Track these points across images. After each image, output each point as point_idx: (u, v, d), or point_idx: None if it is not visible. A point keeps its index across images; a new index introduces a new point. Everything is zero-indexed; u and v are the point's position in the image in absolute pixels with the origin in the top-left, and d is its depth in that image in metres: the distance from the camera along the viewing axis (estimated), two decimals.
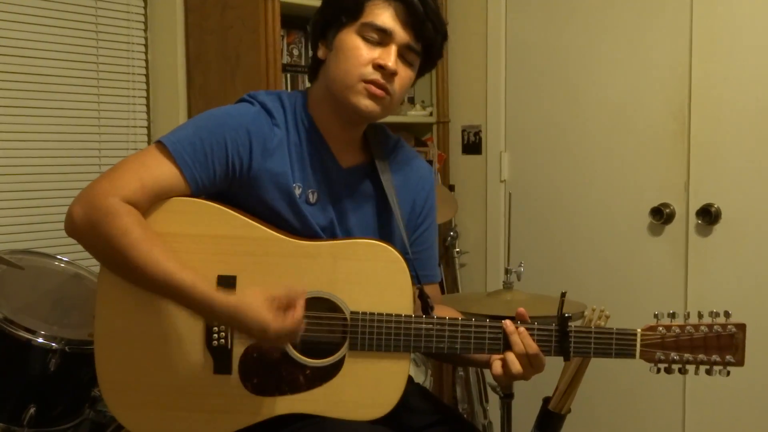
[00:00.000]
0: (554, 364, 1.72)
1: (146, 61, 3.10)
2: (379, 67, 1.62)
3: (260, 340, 1.54)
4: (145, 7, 3.08)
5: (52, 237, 2.74)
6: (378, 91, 1.63)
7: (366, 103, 1.64)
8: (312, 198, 1.68)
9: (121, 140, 3.03)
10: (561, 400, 2.12)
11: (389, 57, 1.62)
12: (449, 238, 3.51)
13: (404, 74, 1.66)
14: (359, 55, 1.63)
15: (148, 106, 3.11)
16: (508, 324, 1.61)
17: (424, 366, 2.85)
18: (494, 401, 2.91)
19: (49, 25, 2.80)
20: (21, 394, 2.06)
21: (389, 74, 1.63)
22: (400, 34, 1.63)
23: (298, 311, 1.52)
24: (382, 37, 1.63)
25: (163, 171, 1.56)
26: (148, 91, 3.11)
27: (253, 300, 1.50)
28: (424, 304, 1.69)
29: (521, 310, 1.64)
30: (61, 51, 2.84)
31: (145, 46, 3.09)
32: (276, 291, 1.52)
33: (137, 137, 3.07)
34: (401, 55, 1.65)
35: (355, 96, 1.64)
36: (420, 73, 1.75)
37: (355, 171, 1.74)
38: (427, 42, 1.67)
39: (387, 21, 1.62)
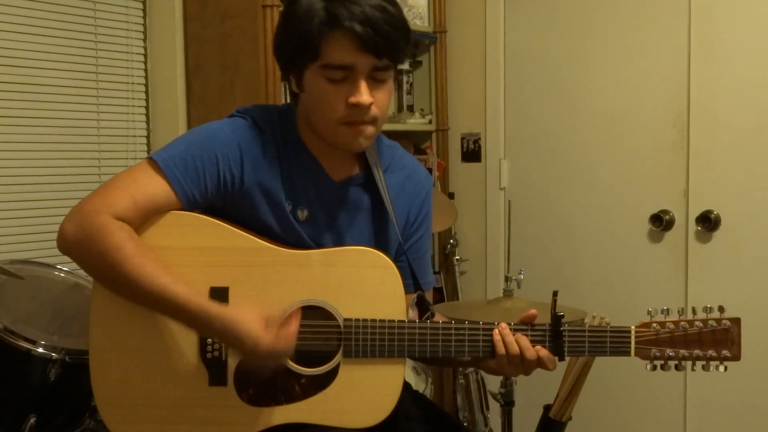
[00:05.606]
0: (554, 372, 1.72)
1: (145, 70, 3.10)
2: (353, 105, 1.57)
3: (251, 355, 1.53)
4: (144, 17, 3.09)
5: (52, 247, 2.70)
6: (361, 129, 1.60)
7: (354, 144, 1.62)
8: (301, 215, 1.67)
9: (120, 150, 3.03)
10: (562, 407, 2.12)
11: (360, 93, 1.56)
12: (449, 246, 3.51)
13: (382, 95, 1.60)
14: (330, 99, 1.57)
15: (147, 116, 3.11)
16: (495, 333, 1.62)
17: (425, 374, 2.85)
18: (495, 409, 2.90)
19: (48, 36, 2.81)
20: (21, 405, 2.05)
21: (366, 108, 1.57)
22: (363, 62, 1.55)
23: (292, 329, 1.53)
24: (346, 72, 1.55)
25: (155, 188, 1.56)
26: (147, 101, 3.11)
27: (248, 314, 1.51)
28: (424, 310, 1.68)
29: (533, 311, 1.64)
30: (61, 61, 2.85)
31: (145, 55, 3.10)
32: (271, 310, 1.53)
33: (137, 147, 3.08)
34: (371, 77, 1.57)
35: (340, 139, 1.61)
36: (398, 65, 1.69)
37: (348, 183, 1.72)
38: (391, 54, 1.58)
39: (345, 57, 1.54)
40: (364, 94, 1.56)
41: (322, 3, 1.54)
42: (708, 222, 2.88)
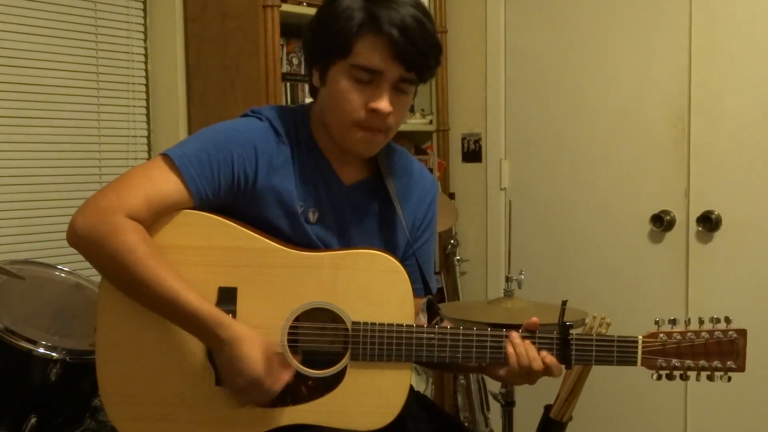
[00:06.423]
0: None
1: (146, 71, 3.10)
2: (372, 111, 1.58)
3: (242, 375, 1.52)
4: (144, 17, 3.09)
5: (53, 247, 2.74)
6: (374, 135, 1.62)
7: (362, 148, 1.64)
8: (312, 217, 1.68)
9: (121, 150, 3.03)
10: (562, 407, 2.13)
11: (382, 99, 1.58)
12: (450, 246, 3.51)
13: (400, 106, 1.62)
14: (351, 99, 1.58)
15: (148, 116, 3.11)
16: (509, 346, 1.61)
17: (425, 374, 2.85)
18: (495, 409, 2.91)
19: (48, 36, 2.81)
20: (22, 404, 2.05)
21: (384, 115, 1.59)
22: (392, 70, 1.57)
23: (284, 377, 1.55)
24: (373, 77, 1.57)
25: (168, 186, 1.56)
26: (148, 101, 3.11)
27: (255, 340, 1.52)
28: (433, 315, 1.68)
29: (534, 319, 1.63)
30: (61, 61, 2.85)
31: (145, 56, 3.10)
32: (276, 349, 1.56)
33: (137, 147, 3.08)
34: (396, 87, 1.60)
35: (350, 140, 1.63)
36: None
37: (358, 187, 1.73)
38: (421, 70, 1.60)
39: (376, 61, 1.56)
40: (385, 102, 1.58)
41: (362, 3, 1.56)
42: (709, 222, 2.88)
